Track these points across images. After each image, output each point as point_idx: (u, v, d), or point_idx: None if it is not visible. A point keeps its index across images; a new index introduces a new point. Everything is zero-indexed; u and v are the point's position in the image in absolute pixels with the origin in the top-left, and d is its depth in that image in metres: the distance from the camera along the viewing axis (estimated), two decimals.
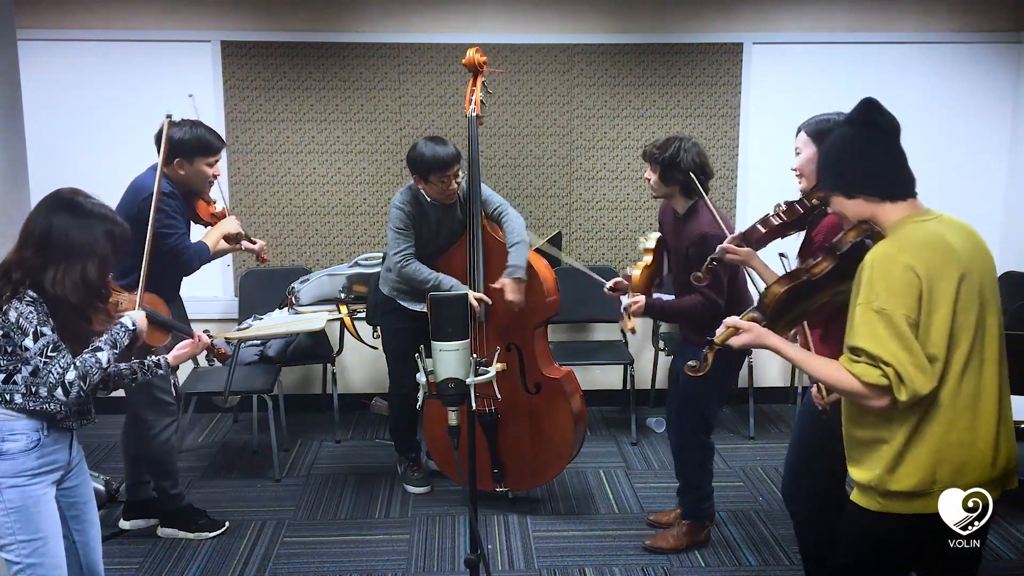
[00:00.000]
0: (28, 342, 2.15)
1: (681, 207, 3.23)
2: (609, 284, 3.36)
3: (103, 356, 2.26)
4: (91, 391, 2.23)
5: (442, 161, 3.51)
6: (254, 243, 3.62)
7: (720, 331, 2.10)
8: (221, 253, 3.59)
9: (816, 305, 2.15)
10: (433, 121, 4.84)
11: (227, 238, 3.48)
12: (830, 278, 2.07)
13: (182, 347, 2.67)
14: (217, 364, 3.90)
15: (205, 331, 2.78)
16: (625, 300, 3.22)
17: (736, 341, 2.07)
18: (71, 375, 2.18)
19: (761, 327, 2.06)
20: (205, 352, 2.82)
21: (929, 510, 1.90)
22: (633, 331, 3.26)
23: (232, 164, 4.86)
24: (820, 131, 2.60)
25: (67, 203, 2.24)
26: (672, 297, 3.31)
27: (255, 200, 4.90)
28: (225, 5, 4.77)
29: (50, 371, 2.16)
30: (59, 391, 2.17)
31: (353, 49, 4.82)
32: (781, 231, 2.75)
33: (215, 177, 3.38)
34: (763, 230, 2.76)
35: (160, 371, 2.57)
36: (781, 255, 2.82)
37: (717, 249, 2.83)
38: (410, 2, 4.80)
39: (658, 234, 3.37)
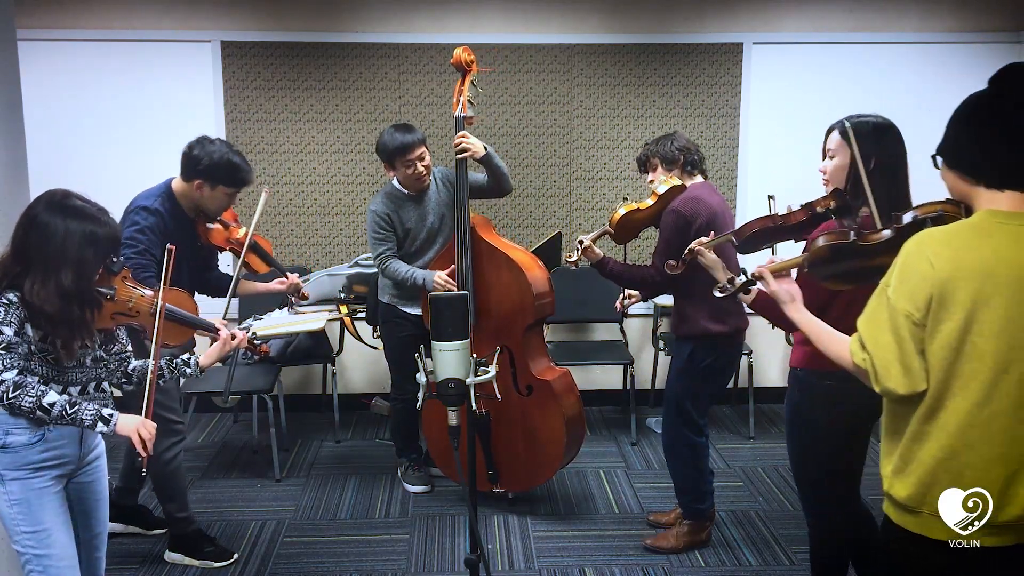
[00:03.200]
0: None
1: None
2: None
3: (52, 397, 2.15)
4: (11, 409, 2.13)
5: (403, 145, 3.57)
6: (284, 279, 3.46)
7: (765, 272, 2.10)
8: (247, 294, 3.50)
9: (868, 273, 1.98)
10: (433, 121, 4.84)
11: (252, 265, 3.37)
12: (883, 249, 1.91)
13: (213, 348, 2.60)
14: (255, 358, 3.71)
15: (245, 328, 2.73)
16: (586, 239, 3.22)
17: (764, 286, 2.12)
18: (7, 376, 2.10)
19: (792, 289, 2.07)
20: (243, 350, 2.75)
21: (918, 530, 1.77)
22: (576, 265, 3.25)
23: None
24: (857, 133, 2.42)
25: (55, 204, 2.18)
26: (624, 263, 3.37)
27: (255, 200, 4.89)
28: (225, 5, 4.77)
29: None
30: None
31: (353, 49, 4.82)
32: (778, 234, 2.66)
33: (231, 206, 3.25)
34: (755, 228, 2.62)
35: (188, 370, 2.53)
36: (770, 197, 2.73)
37: (693, 244, 2.79)
38: (410, 2, 4.80)
39: (677, 183, 3.22)
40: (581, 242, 3.21)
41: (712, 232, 2.89)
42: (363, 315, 4.43)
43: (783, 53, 4.93)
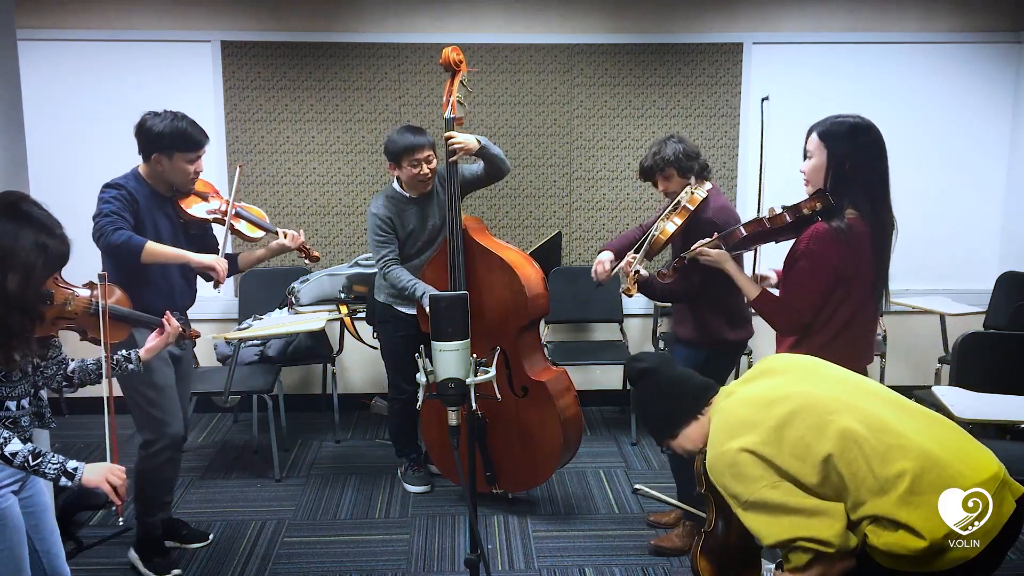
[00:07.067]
0: None
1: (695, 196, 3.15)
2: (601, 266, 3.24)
3: (15, 446, 2.05)
4: None
5: (412, 145, 3.57)
6: (284, 236, 3.35)
7: None
8: (253, 263, 3.40)
9: (743, 540, 2.15)
10: (433, 121, 4.83)
11: (240, 235, 3.30)
12: (725, 517, 2.14)
13: (152, 340, 2.61)
14: (188, 345, 3.44)
15: (177, 316, 2.70)
16: (640, 267, 3.03)
17: None
18: None
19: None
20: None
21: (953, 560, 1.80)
22: (630, 295, 3.04)
23: (232, 164, 4.86)
24: (831, 135, 2.50)
25: (6, 207, 2.09)
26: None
27: (255, 200, 4.89)
28: (225, 5, 4.77)
29: None
30: None
31: (353, 49, 4.82)
32: (765, 237, 2.69)
33: (197, 173, 3.17)
34: (744, 233, 2.69)
35: (131, 367, 2.53)
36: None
37: (691, 249, 2.79)
38: (410, 2, 4.80)
39: (703, 194, 3.12)
40: (639, 272, 3.01)
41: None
42: (363, 315, 4.43)
43: (783, 53, 4.93)
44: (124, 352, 2.55)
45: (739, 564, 2.20)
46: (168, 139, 3.05)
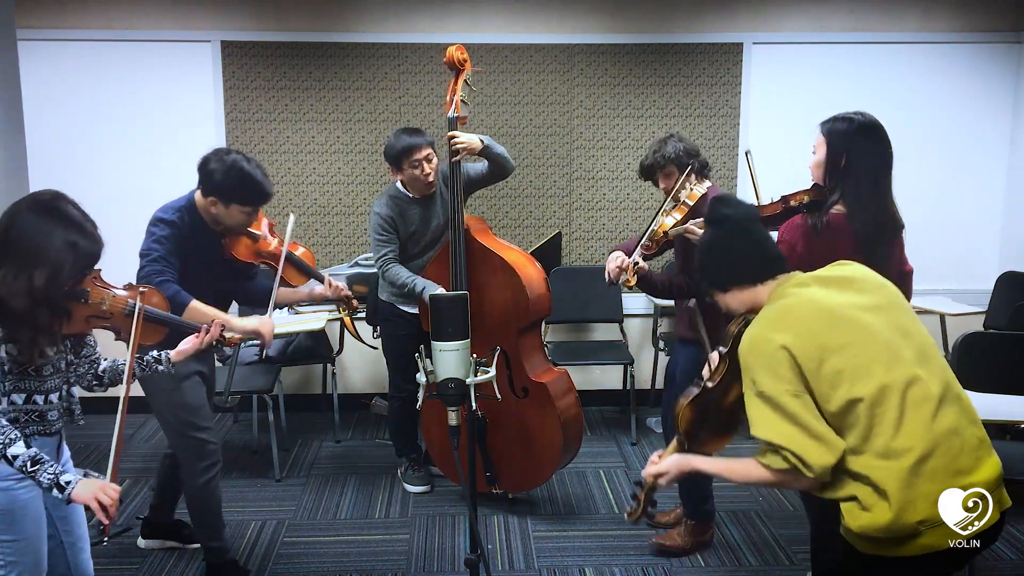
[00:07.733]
0: None
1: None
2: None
3: (18, 449, 2.04)
4: None
5: (410, 146, 3.56)
6: (328, 285, 3.30)
7: (660, 469, 2.13)
8: (288, 302, 3.32)
9: (733, 408, 2.13)
10: (433, 121, 4.84)
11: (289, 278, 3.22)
12: (729, 380, 2.09)
13: (186, 343, 2.57)
14: (227, 352, 3.37)
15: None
16: (639, 260, 3.05)
17: (664, 482, 2.10)
18: None
19: (676, 457, 2.10)
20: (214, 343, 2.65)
21: (915, 551, 1.82)
22: (630, 285, 3.04)
23: None
24: (832, 131, 2.53)
25: (41, 204, 2.12)
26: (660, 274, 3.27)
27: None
28: (225, 5, 4.77)
29: None
30: None
31: (353, 49, 4.82)
32: None
33: (251, 221, 3.04)
34: None
35: (161, 367, 2.51)
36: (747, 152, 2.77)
37: (679, 227, 2.84)
38: (410, 2, 4.80)
39: (703, 191, 3.13)
40: (637, 263, 3.02)
41: None
42: (363, 315, 4.43)
43: (783, 53, 4.93)
44: (155, 353, 2.51)
45: (718, 427, 2.17)
46: (229, 190, 2.88)
